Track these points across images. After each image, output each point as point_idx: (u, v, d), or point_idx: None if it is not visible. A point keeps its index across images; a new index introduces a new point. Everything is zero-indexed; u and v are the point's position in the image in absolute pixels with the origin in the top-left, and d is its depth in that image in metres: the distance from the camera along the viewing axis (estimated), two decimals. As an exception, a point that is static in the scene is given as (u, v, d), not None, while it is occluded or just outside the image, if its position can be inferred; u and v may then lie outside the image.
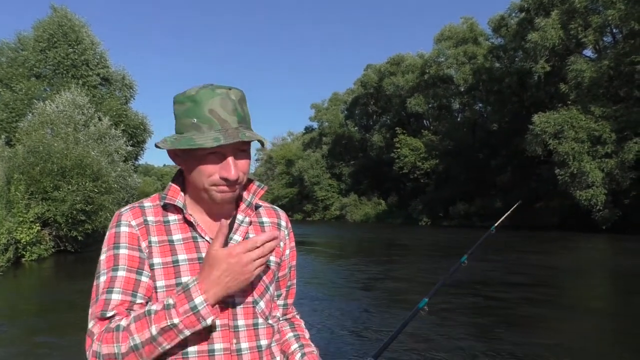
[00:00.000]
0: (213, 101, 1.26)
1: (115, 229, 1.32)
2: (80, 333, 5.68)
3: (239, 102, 1.30)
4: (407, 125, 57.24)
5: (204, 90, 1.28)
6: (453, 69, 50.58)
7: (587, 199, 31.68)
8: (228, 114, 1.27)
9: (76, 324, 8.50)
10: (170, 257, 1.31)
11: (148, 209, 1.36)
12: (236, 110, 1.28)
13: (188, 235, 1.35)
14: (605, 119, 31.56)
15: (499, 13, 45.71)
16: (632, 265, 15.71)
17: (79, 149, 20.48)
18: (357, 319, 8.80)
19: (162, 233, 1.33)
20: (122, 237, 1.31)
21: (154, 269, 1.30)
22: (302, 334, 1.59)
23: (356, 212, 60.25)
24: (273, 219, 1.51)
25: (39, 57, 32.43)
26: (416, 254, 20.67)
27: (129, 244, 1.30)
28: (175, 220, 1.36)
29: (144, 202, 1.39)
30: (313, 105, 75.88)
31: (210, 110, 1.26)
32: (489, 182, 45.19)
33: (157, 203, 1.38)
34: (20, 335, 8.10)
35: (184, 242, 1.33)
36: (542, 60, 37.20)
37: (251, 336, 1.35)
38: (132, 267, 1.28)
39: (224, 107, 1.26)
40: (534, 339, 7.36)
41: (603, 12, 32.75)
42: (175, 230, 1.35)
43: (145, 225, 1.33)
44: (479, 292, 11.05)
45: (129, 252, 1.29)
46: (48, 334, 7.97)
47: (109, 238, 1.33)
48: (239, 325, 1.33)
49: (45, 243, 18.65)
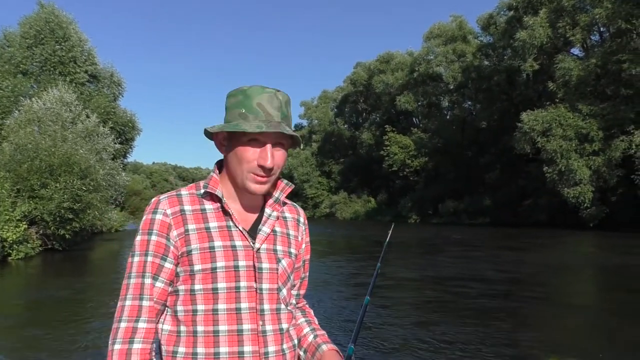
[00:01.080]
0: (262, 97, 1.40)
1: (151, 215, 1.44)
2: (68, 331, 5.62)
3: (285, 103, 1.44)
4: (396, 123, 57.37)
5: (255, 87, 1.42)
6: (442, 67, 50.74)
7: (575, 197, 31.93)
8: (274, 109, 1.40)
9: (63, 322, 8.45)
10: (207, 242, 1.42)
11: (185, 198, 1.48)
12: (281, 108, 1.42)
13: (223, 224, 1.46)
14: (592, 117, 31.80)
15: (488, 11, 46.06)
16: (618, 263, 15.85)
17: (67, 147, 20.31)
18: (340, 310, 8.80)
19: (199, 221, 1.45)
20: (156, 224, 1.43)
21: (191, 254, 1.41)
22: (312, 319, 1.72)
23: (346, 210, 60.33)
24: (294, 215, 1.64)
25: (26, 53, 32.04)
26: (403, 251, 20.72)
27: (159, 231, 1.42)
28: (211, 209, 1.47)
29: (181, 191, 1.50)
30: (302, 103, 75.89)
31: (259, 103, 1.40)
32: (478, 179, 45.43)
33: (194, 192, 1.50)
34: (7, 334, 8.03)
35: (219, 230, 1.45)
36: (530, 58, 37.40)
37: (274, 319, 1.46)
38: (158, 252, 1.42)
39: (270, 103, 1.40)
40: (521, 335, 7.40)
41: (590, 10, 32.98)
42: (212, 218, 1.46)
43: (182, 214, 1.44)
44: (464, 288, 11.10)
45: (158, 239, 1.42)
46: (35, 333, 7.89)
47: (144, 222, 1.45)
48: (265, 309, 1.45)
49: (32, 241, 18.48)
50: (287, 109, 1.45)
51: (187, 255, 1.41)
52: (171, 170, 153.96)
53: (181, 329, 1.42)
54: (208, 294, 1.40)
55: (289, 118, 1.45)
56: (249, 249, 1.45)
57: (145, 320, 1.39)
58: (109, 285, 12.46)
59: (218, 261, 1.41)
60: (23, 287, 13.32)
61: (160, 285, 1.42)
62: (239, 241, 1.45)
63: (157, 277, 1.42)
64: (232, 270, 1.41)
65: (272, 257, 1.48)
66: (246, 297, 1.42)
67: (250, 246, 1.45)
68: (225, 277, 1.40)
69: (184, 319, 1.41)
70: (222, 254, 1.42)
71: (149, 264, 1.41)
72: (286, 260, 1.52)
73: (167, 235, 1.42)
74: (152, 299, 1.41)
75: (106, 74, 36.13)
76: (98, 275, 15.47)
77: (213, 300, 1.40)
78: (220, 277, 1.40)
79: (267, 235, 1.50)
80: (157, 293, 1.42)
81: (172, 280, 1.44)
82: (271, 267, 1.47)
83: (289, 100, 1.46)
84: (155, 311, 1.42)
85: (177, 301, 1.43)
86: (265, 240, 1.49)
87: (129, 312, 1.39)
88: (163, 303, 1.44)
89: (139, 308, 1.39)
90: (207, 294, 1.40)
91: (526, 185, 38.60)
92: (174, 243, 1.42)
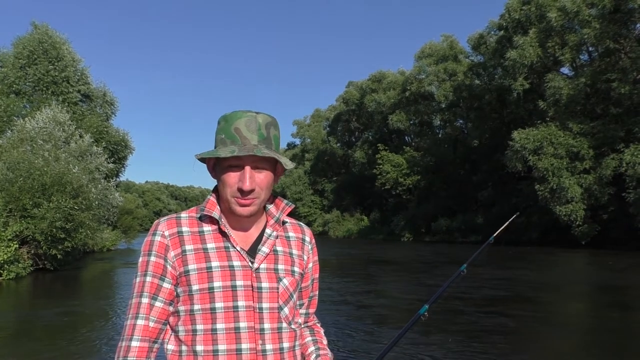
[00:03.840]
0: (239, 121, 1.43)
1: (151, 237, 1.49)
2: (59, 351, 5.59)
3: (266, 125, 1.45)
4: (389, 142, 57.61)
5: (236, 112, 1.45)
6: (434, 86, 51.16)
7: (567, 214, 32.08)
8: (251, 132, 1.42)
9: (54, 342, 8.37)
10: (204, 263, 1.45)
11: (184, 220, 1.51)
12: (259, 130, 1.43)
13: (221, 245, 1.48)
14: (583, 135, 32.11)
15: (478, 31, 46.53)
16: (611, 280, 15.90)
17: (59, 166, 20.22)
18: (355, 329, 8.77)
19: (197, 242, 1.48)
20: (154, 246, 1.47)
21: (189, 275, 1.44)
22: (319, 339, 1.72)
23: (339, 228, 60.25)
24: (298, 234, 1.64)
25: (19, 73, 32.07)
26: (403, 270, 20.69)
27: (157, 252, 1.46)
28: (209, 230, 1.50)
29: (181, 214, 1.54)
30: (295, 122, 76.17)
31: (236, 128, 1.42)
32: (471, 197, 45.57)
33: (193, 215, 1.53)
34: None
35: (217, 251, 1.47)
36: (520, 77, 37.81)
37: (275, 339, 1.47)
38: (156, 273, 1.46)
39: (248, 126, 1.42)
40: (513, 354, 7.39)
41: (579, 30, 33.46)
42: (210, 239, 1.49)
43: (180, 235, 1.48)
44: (459, 307, 11.08)
45: (156, 260, 1.46)
46: (26, 353, 7.81)
47: (144, 244, 1.49)
48: (265, 328, 1.46)
49: (23, 261, 18.28)
50: (268, 131, 1.44)
51: (185, 276, 1.44)
52: (163, 189, 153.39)
53: (183, 348, 1.44)
54: (207, 313, 1.42)
55: (271, 139, 1.45)
56: (247, 269, 1.46)
57: (138, 339, 1.42)
58: (100, 305, 12.36)
59: (215, 281, 1.43)
60: (14, 307, 13.17)
61: (159, 305, 1.45)
62: (237, 261, 1.46)
63: (156, 297, 1.45)
64: (229, 290, 1.43)
65: (272, 276, 1.49)
66: (245, 317, 1.43)
67: (248, 266, 1.46)
68: (223, 297, 1.42)
69: (185, 339, 1.44)
70: (220, 274, 1.43)
71: (147, 284, 1.45)
72: (288, 279, 1.53)
73: (164, 256, 1.46)
74: (147, 318, 1.43)
75: (99, 94, 36.13)
76: (90, 295, 15.33)
77: (212, 320, 1.42)
78: (218, 297, 1.42)
79: (267, 255, 1.51)
80: (157, 312, 1.45)
81: (172, 300, 1.47)
82: (271, 286, 1.48)
83: (271, 122, 1.47)
84: (153, 330, 1.44)
85: (179, 322, 1.46)
86: (264, 260, 1.50)
87: (127, 331, 1.43)
88: (164, 322, 1.47)
89: (134, 327, 1.43)
90: (206, 313, 1.42)
91: (518, 203, 38.76)
92: (172, 263, 1.45)
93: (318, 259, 1.73)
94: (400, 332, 1.99)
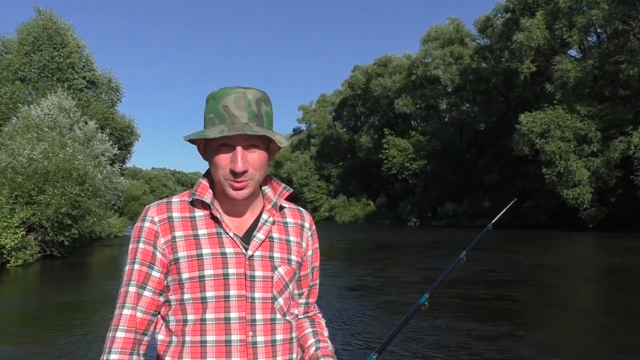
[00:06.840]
0: (227, 98, 1.34)
1: (141, 223, 1.42)
2: (67, 338, 5.61)
3: (256, 101, 1.36)
4: (395, 126, 57.41)
5: (224, 89, 1.37)
6: (440, 70, 50.84)
7: (574, 198, 31.94)
8: (240, 110, 1.33)
9: (62, 329, 8.41)
10: (194, 250, 1.38)
11: (175, 205, 1.44)
12: (249, 107, 1.34)
13: (213, 231, 1.41)
14: (590, 118, 31.84)
15: (485, 14, 46.14)
16: (619, 264, 15.83)
17: (65, 153, 20.27)
18: (357, 317, 8.77)
19: (188, 228, 1.41)
20: (144, 232, 1.41)
21: (179, 262, 1.38)
22: (320, 330, 1.64)
23: (345, 214, 60.31)
24: (297, 220, 1.56)
25: (24, 60, 32.10)
26: (409, 254, 20.69)
27: (146, 239, 1.40)
28: (201, 216, 1.43)
29: (172, 199, 1.47)
30: (301, 107, 75.96)
31: (224, 106, 1.34)
32: (477, 181, 45.42)
33: (185, 199, 1.46)
34: (6, 341, 7.99)
35: (208, 237, 1.40)
36: (527, 60, 37.46)
37: (267, 330, 1.41)
38: (145, 260, 1.39)
39: (237, 103, 1.34)
40: (521, 337, 7.38)
41: (587, 12, 33.07)
42: (201, 225, 1.42)
43: (169, 221, 1.41)
44: (466, 291, 11.06)
45: (145, 247, 1.40)
46: (34, 340, 7.86)
47: (134, 230, 1.43)
48: (257, 319, 1.39)
49: (30, 248, 18.40)
50: (259, 107, 1.36)
51: (175, 263, 1.38)
52: (170, 175, 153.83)
53: (172, 339, 1.39)
54: (197, 303, 1.36)
55: (263, 116, 1.36)
56: (240, 257, 1.39)
57: (124, 330, 1.36)
58: (107, 292, 12.42)
59: (206, 269, 1.37)
60: (22, 294, 13.27)
61: (147, 294, 1.39)
62: (230, 248, 1.39)
63: (145, 286, 1.39)
64: (220, 278, 1.36)
65: (267, 264, 1.42)
66: (236, 307, 1.37)
67: (241, 253, 1.40)
68: (214, 286, 1.36)
69: (175, 329, 1.39)
70: (211, 262, 1.37)
71: (136, 272, 1.39)
72: (284, 267, 1.46)
73: (154, 243, 1.40)
74: (134, 308, 1.37)
75: (104, 80, 36.18)
76: (97, 282, 15.43)
77: (202, 310, 1.36)
78: (209, 286, 1.36)
79: (262, 241, 1.43)
80: (145, 302, 1.38)
81: (162, 290, 1.40)
82: (265, 275, 1.41)
83: (262, 97, 1.38)
84: (141, 321, 1.38)
85: (170, 311, 1.40)
86: (259, 247, 1.42)
87: (114, 321, 1.38)
88: (153, 312, 1.40)
89: (120, 317, 1.37)
90: (196, 303, 1.36)
91: (525, 187, 38.61)
92: (162, 251, 1.39)
93: (319, 246, 1.65)
94: (401, 322, 1.96)
